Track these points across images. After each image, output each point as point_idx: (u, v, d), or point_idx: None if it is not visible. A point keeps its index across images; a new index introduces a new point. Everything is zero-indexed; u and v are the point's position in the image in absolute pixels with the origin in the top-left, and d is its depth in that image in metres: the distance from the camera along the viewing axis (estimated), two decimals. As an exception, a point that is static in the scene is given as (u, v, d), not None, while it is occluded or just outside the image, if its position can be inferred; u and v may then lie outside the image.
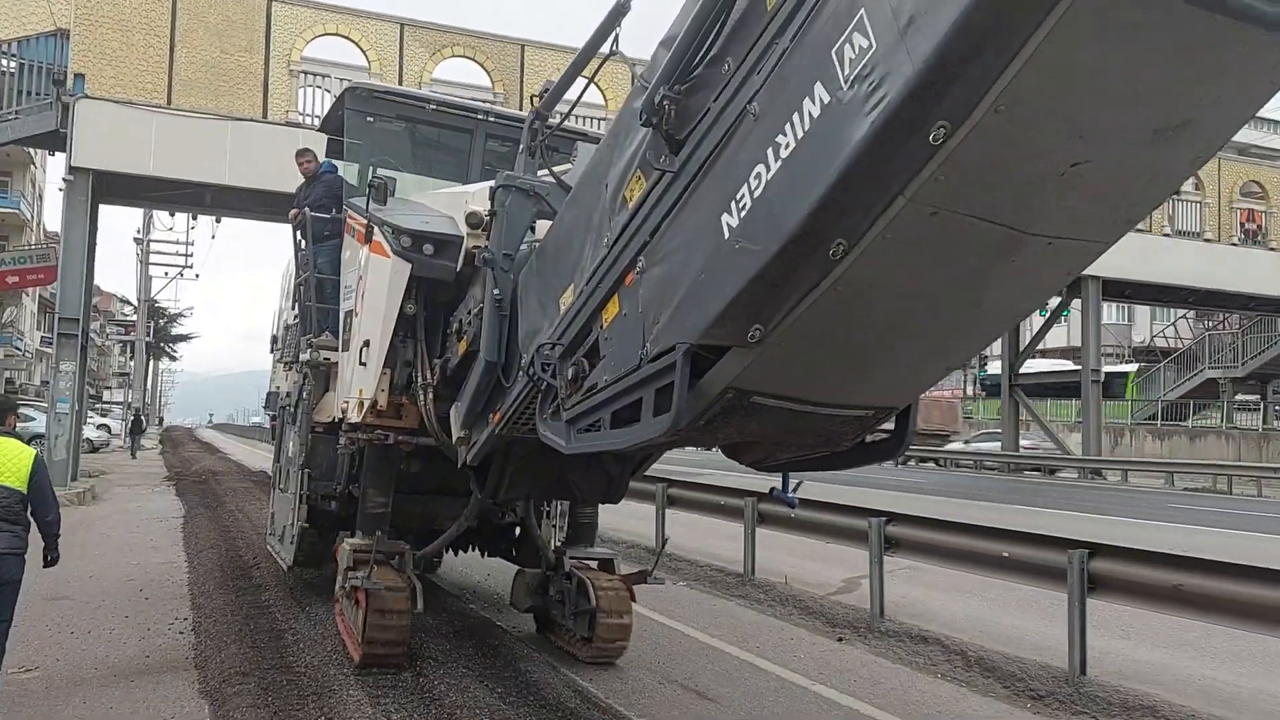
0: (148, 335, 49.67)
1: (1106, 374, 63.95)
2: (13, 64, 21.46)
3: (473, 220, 7.11)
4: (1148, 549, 7.59)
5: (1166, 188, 3.63)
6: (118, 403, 54.00)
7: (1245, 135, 44.13)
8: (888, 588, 9.92)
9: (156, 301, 51.48)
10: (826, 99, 3.33)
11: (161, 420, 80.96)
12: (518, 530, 9.68)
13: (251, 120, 22.73)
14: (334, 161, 10.11)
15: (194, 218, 47.46)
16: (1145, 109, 3.07)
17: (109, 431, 44.85)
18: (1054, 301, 39.22)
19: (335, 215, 9.52)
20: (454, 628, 9.32)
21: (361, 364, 7.96)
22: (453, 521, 8.43)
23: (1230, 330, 51.49)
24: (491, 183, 6.90)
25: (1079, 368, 60.45)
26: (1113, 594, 7.26)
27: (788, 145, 3.49)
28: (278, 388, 12.99)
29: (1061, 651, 7.72)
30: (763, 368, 4.02)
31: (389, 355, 7.65)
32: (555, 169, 6.66)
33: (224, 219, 42.20)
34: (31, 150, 53.24)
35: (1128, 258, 31.97)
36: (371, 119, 9.38)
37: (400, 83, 23.91)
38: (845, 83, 3.24)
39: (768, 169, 3.59)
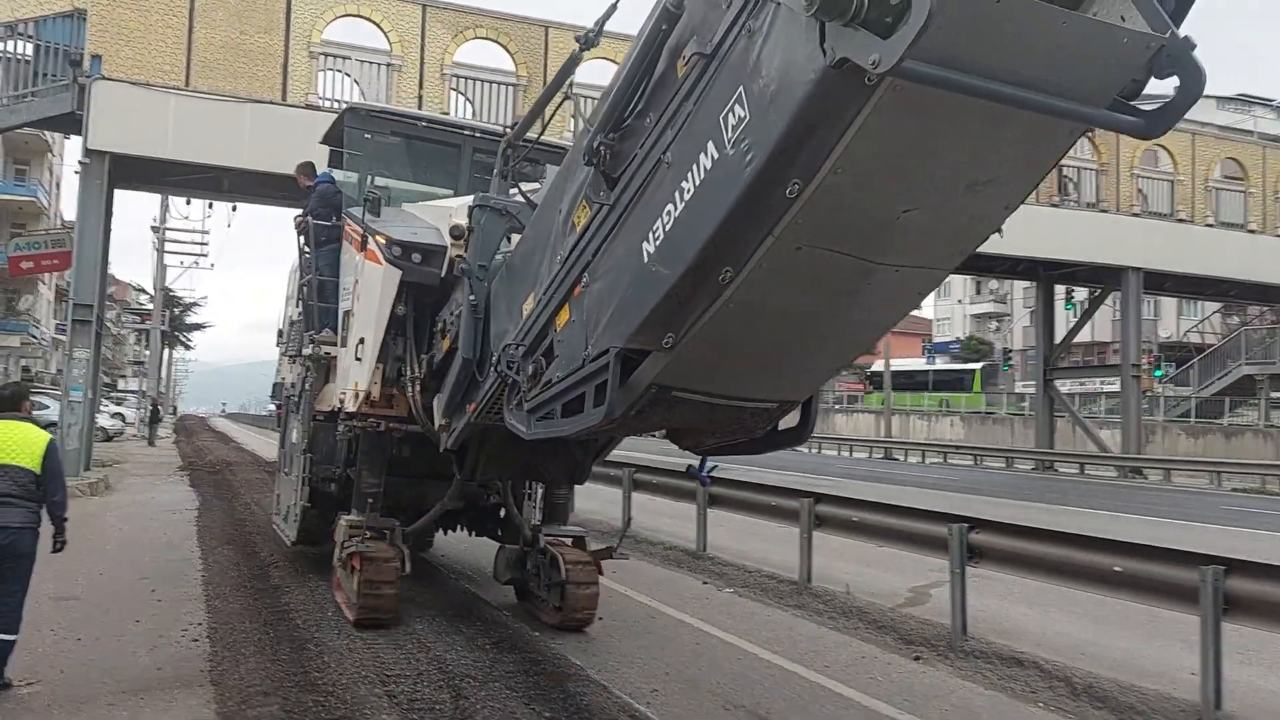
0: (163, 324, 49.11)
1: (953, 371, 68.82)
2: (29, 46, 20.78)
3: (455, 232, 8.03)
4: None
5: (988, 227, 4.35)
6: (133, 391, 53.62)
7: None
8: (945, 595, 9.14)
9: (172, 290, 50.96)
10: (716, 155, 4.19)
11: (175, 409, 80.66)
12: (502, 512, 10.42)
13: (271, 103, 22.01)
14: (332, 172, 10.91)
15: (210, 205, 46.84)
16: (956, 170, 3.93)
17: (124, 420, 44.36)
18: (1081, 295, 38.42)
19: (334, 223, 10.33)
20: (448, 600, 10.27)
21: (357, 359, 9.02)
22: (439, 501, 9.40)
23: (1266, 325, 50.35)
24: (472, 200, 8.00)
25: (953, 366, 67.77)
26: (1251, 617, 6.42)
27: (689, 190, 4.38)
28: (283, 378, 13.82)
29: (1183, 680, 6.91)
30: (677, 367, 4.94)
31: (381, 351, 8.64)
32: (526, 188, 7.64)
33: (239, 207, 41.77)
34: (49, 138, 52.82)
35: (1168, 250, 31.05)
36: (369, 135, 10.30)
37: (421, 65, 23.24)
38: (729, 144, 4.09)
39: (675, 208, 4.48)
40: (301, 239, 11.00)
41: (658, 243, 4.67)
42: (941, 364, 69.14)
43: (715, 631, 9.17)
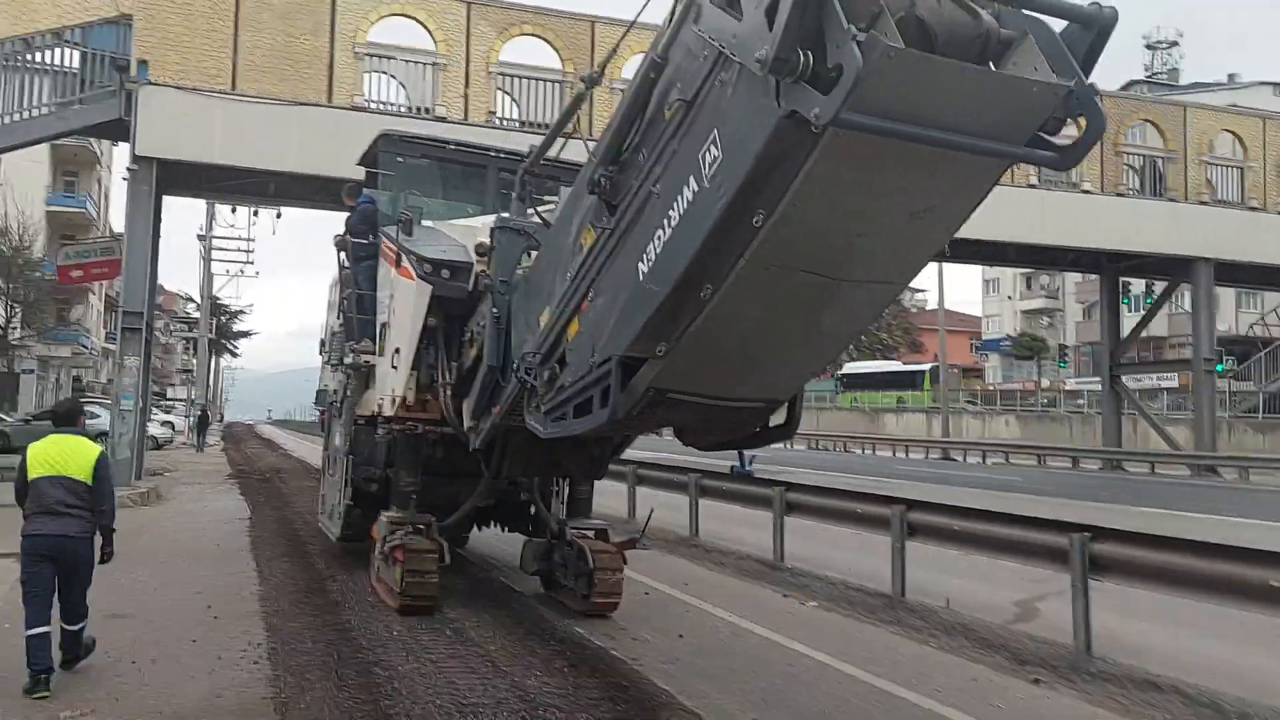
0: (210, 332, 49.20)
1: (905, 373, 71.80)
2: (76, 54, 20.54)
3: (480, 250, 8.78)
4: None
5: (933, 247, 5.07)
6: (181, 399, 53.83)
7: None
8: (1056, 609, 8.43)
9: (219, 298, 51.07)
10: (696, 188, 4.84)
11: (222, 417, 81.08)
12: (532, 508, 10.98)
13: (317, 105, 21.63)
14: (370, 192, 11.59)
15: (255, 212, 46.83)
16: (898, 201, 4.57)
17: (173, 428, 44.42)
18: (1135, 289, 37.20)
19: (371, 241, 11.03)
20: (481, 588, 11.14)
21: (393, 367, 9.77)
22: (471, 498, 10.14)
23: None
24: (498, 215, 8.94)
25: (904, 367, 73.22)
26: None
27: (675, 218, 5.04)
28: (326, 386, 14.55)
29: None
30: (671, 372, 5.55)
31: (415, 359, 9.38)
32: (542, 209, 8.30)
33: (283, 214, 41.71)
34: (97, 149, 53.23)
35: (1240, 239, 29.86)
36: (401, 158, 11.18)
37: (467, 63, 22.76)
38: (706, 179, 4.75)
39: (664, 233, 5.15)
40: (341, 255, 11.83)
41: (650, 263, 5.38)
42: (893, 366, 75.82)
43: (807, 650, 8.51)
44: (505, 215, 8.84)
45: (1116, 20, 4.44)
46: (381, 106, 22.51)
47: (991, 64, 4.41)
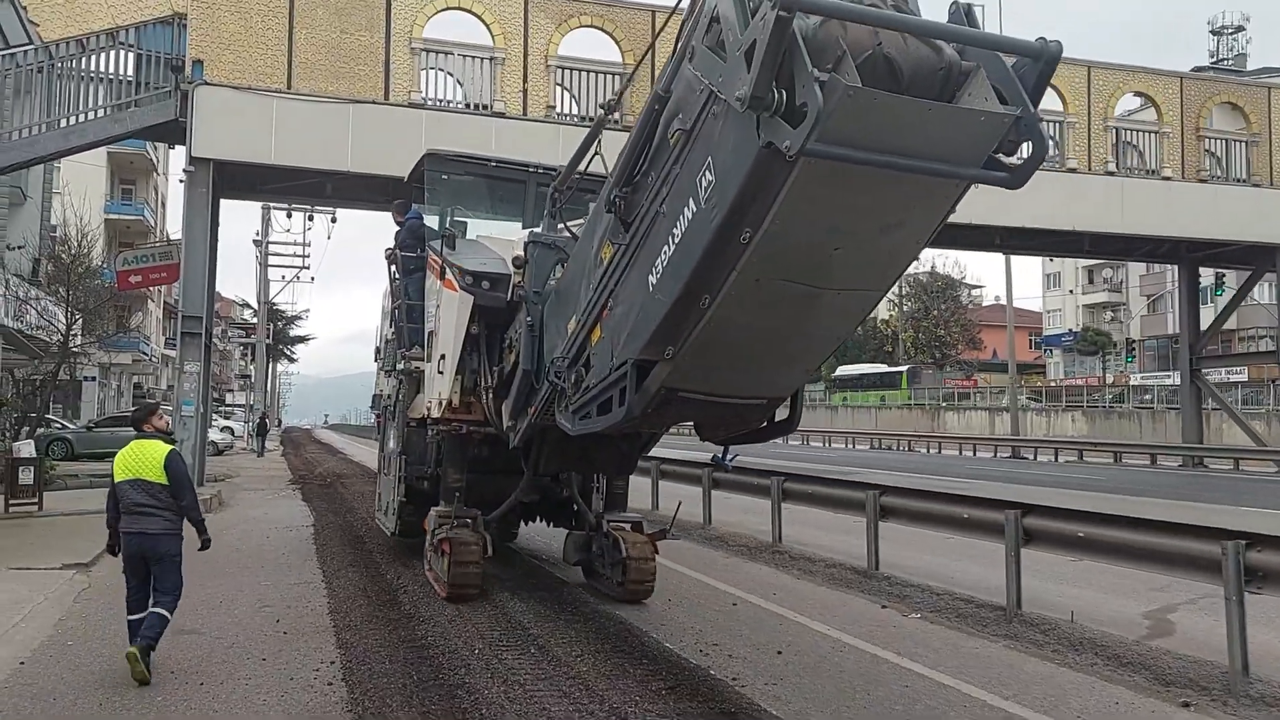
0: (267, 337, 49.34)
1: (887, 373, 77.04)
2: (129, 57, 20.32)
3: (517, 262, 9.36)
4: None
5: (907, 257, 5.83)
6: (239, 405, 54.14)
7: None
8: (1192, 623, 7.64)
9: (275, 304, 51.17)
10: (694, 209, 5.56)
11: (280, 422, 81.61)
12: (574, 504, 11.46)
13: (373, 103, 21.25)
14: (417, 208, 12.35)
15: (310, 217, 46.87)
16: (869, 217, 5.19)
17: (232, 433, 44.52)
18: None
19: (420, 254, 11.87)
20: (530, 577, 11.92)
21: (440, 372, 10.45)
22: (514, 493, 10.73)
23: None
24: (531, 231, 9.72)
25: (887, 369, 77.89)
26: None
27: (677, 235, 5.75)
28: (380, 391, 15.44)
29: None
30: (679, 373, 6.21)
31: (460, 365, 10.03)
32: (571, 224, 8.81)
33: (338, 219, 41.64)
34: (153, 156, 53.64)
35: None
36: (446, 176, 11.76)
37: (525, 57, 22.26)
38: (702, 201, 5.46)
39: (669, 249, 5.84)
40: (392, 268, 12.69)
41: (657, 276, 6.00)
42: (878, 368, 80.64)
43: (921, 668, 7.81)
44: (537, 231, 9.63)
45: (1060, 53, 4.93)
46: (439, 104, 22.06)
47: (955, 92, 4.91)
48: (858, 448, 50.38)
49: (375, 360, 15.87)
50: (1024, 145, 4.98)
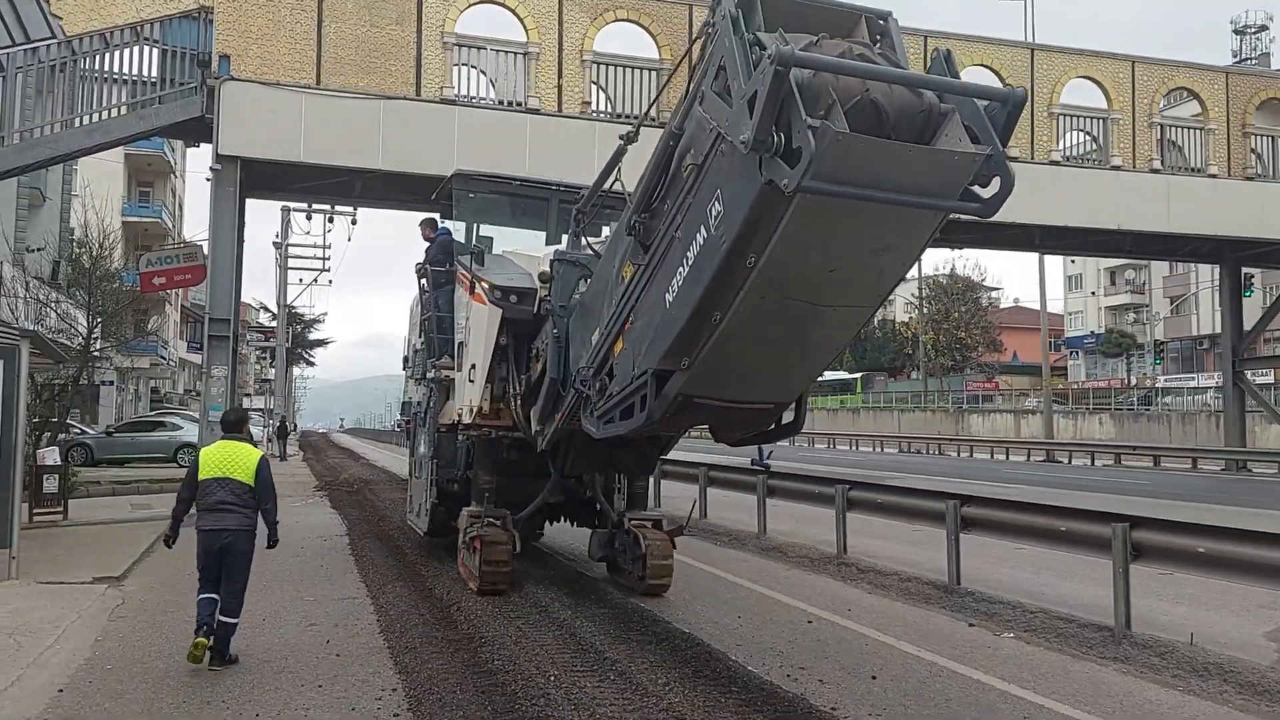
0: (287, 341, 48.80)
1: (843, 379, 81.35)
2: (154, 53, 19.76)
3: (543, 278, 10.03)
4: None
5: (895, 276, 6.37)
6: (257, 409, 53.70)
7: None
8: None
9: (294, 307, 50.65)
10: (705, 235, 6.21)
11: (295, 426, 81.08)
12: (597, 504, 11.91)
13: (404, 99, 20.65)
14: (445, 224, 13.11)
15: (330, 219, 46.22)
16: (859, 243, 5.87)
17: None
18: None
19: (449, 268, 12.47)
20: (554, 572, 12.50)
21: (470, 381, 11.05)
22: (540, 494, 11.30)
23: None
24: (555, 248, 10.50)
25: (845, 375, 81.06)
26: None
27: (691, 258, 6.41)
28: (410, 398, 16.23)
29: None
30: (694, 381, 6.94)
31: (489, 374, 10.63)
32: (594, 241, 9.69)
33: (359, 221, 40.99)
34: (171, 159, 53.25)
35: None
36: (472, 194, 12.48)
37: (560, 52, 21.63)
38: (712, 229, 6.12)
39: (684, 269, 6.52)
40: (422, 281, 13.21)
41: (673, 294, 6.61)
42: (839, 375, 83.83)
43: (1032, 696, 7.18)
44: (562, 249, 10.22)
45: (1025, 100, 5.63)
46: (472, 100, 21.44)
47: (934, 132, 5.53)
48: (885, 451, 49.61)
49: (404, 369, 16.43)
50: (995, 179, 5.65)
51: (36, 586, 11.18)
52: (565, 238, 10.85)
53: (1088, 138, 26.11)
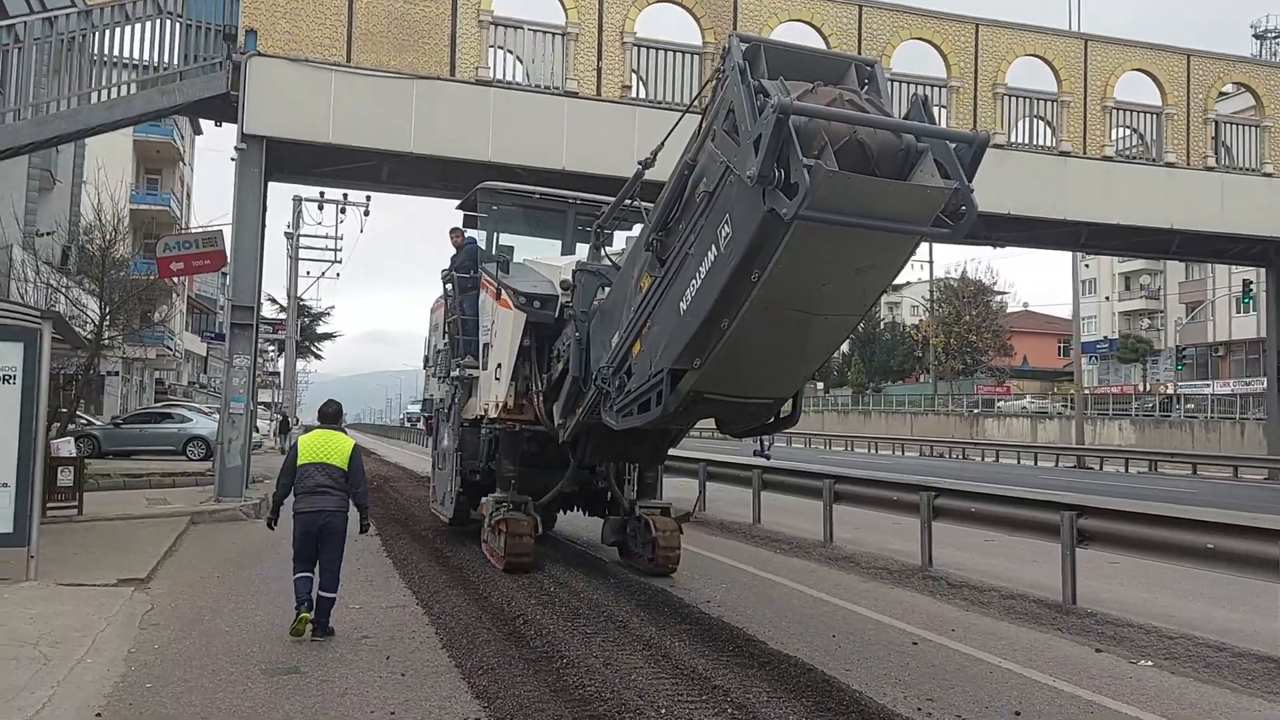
0: (296, 334, 47.82)
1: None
2: (178, 24, 18.79)
3: (564, 285, 10.97)
4: None
5: (877, 290, 7.51)
6: (264, 403, 52.79)
7: None
8: None
9: (303, 300, 49.73)
10: (715, 254, 7.21)
11: (297, 420, 79.93)
12: (609, 495, 12.69)
13: (438, 78, 19.71)
14: (471, 234, 13.99)
15: (342, 210, 45.35)
16: (847, 262, 6.91)
17: (257, 430, 43.03)
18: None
19: (474, 274, 13.34)
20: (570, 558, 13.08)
21: (496, 379, 11.97)
22: (559, 483, 12.19)
23: None
24: (575, 259, 11.83)
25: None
26: None
27: (703, 272, 7.38)
28: (432, 395, 17.55)
29: None
30: (705, 379, 7.89)
31: (514, 372, 11.60)
32: (613, 252, 11.25)
33: (353, 218, 40.10)
34: (180, 145, 52.30)
35: None
36: (496, 206, 13.53)
37: (600, 33, 20.71)
38: (721, 248, 7.11)
39: (696, 282, 7.49)
40: (448, 286, 14.13)
41: (687, 303, 7.64)
42: None
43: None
44: (583, 260, 11.32)
45: (989, 141, 6.55)
46: (509, 84, 20.49)
47: (911, 168, 6.49)
48: (907, 454, 48.69)
49: (425, 368, 17.62)
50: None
51: (57, 589, 10.28)
52: (585, 248, 12.04)
53: (1133, 133, 25.21)
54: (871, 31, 22.34)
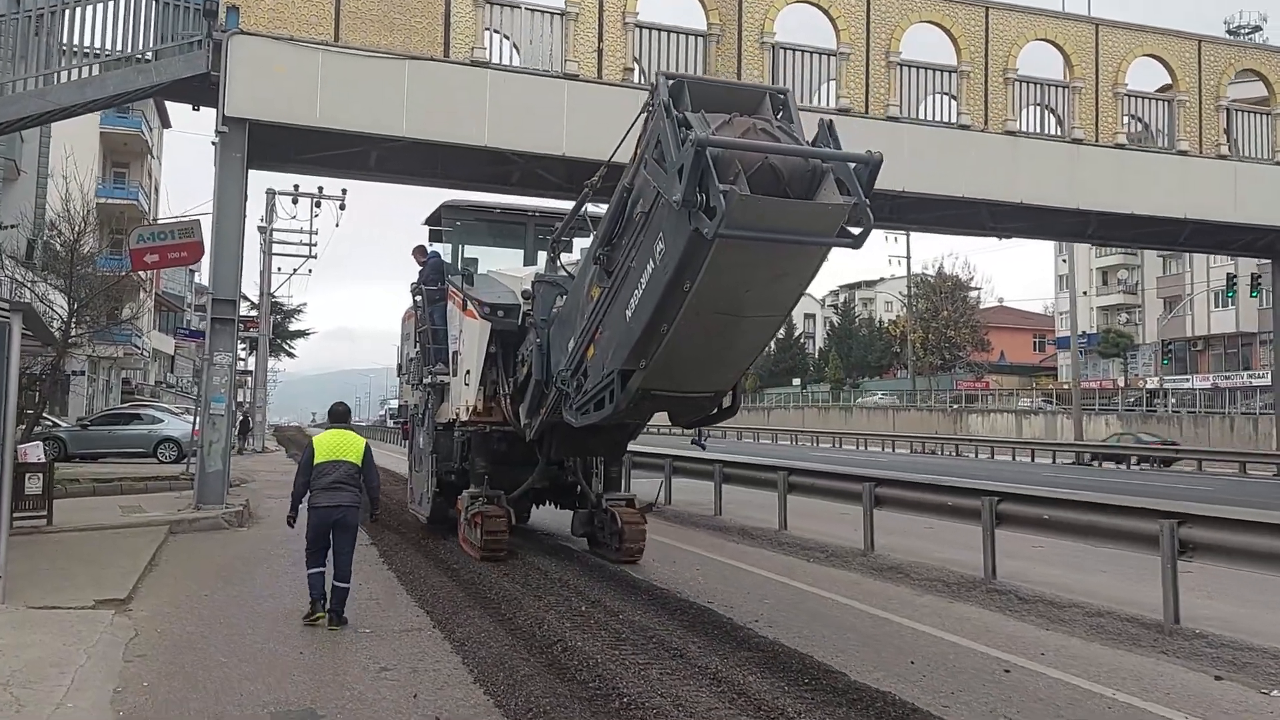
0: (269, 331, 46.37)
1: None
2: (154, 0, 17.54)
3: (525, 295, 12.30)
4: None
5: (795, 293, 8.47)
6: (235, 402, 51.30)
7: None
8: None
9: (274, 296, 48.19)
10: (652, 268, 8.15)
11: (260, 418, 77.87)
12: (578, 489, 13.51)
13: (431, 59, 18.59)
14: (435, 249, 14.90)
15: (317, 204, 44.00)
16: (765, 271, 7.86)
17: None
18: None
19: (440, 286, 14.24)
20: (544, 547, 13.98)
21: (466, 384, 13.03)
22: (528, 479, 13.03)
23: None
24: (535, 269, 13.08)
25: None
26: None
27: (643, 284, 8.35)
28: (406, 401, 17.99)
29: None
30: (651, 377, 8.86)
31: (482, 377, 12.67)
32: (569, 261, 12.37)
33: (324, 213, 38.83)
34: (149, 139, 50.68)
35: None
36: (459, 222, 14.42)
37: (600, 13, 19.67)
38: (657, 262, 8.08)
39: (638, 292, 8.46)
40: (417, 298, 15.03)
41: (631, 311, 8.63)
42: None
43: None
44: (541, 272, 12.29)
45: (881, 161, 7.52)
46: (506, 67, 19.40)
47: (818, 187, 7.54)
48: (898, 450, 47.97)
49: (399, 375, 18.67)
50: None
51: (28, 613, 9.16)
52: (542, 257, 13.18)
53: (1137, 121, 24.44)
54: (880, 14, 21.46)
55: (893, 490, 12.19)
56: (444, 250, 14.82)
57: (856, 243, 7.55)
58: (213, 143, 17.69)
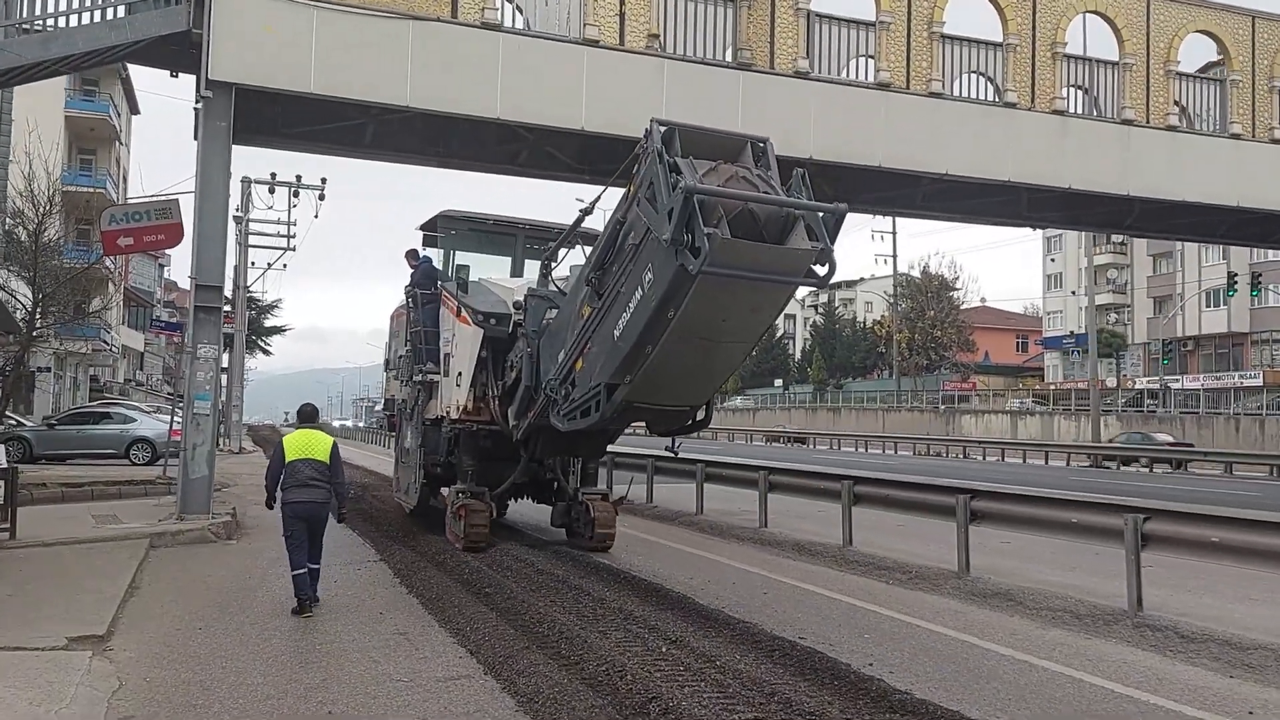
0: (245, 327, 44.28)
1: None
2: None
3: (517, 305, 12.99)
4: None
5: (766, 323, 10.14)
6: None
7: None
8: None
9: (251, 290, 46.07)
10: (640, 294, 9.11)
11: (234, 416, 75.47)
12: (556, 485, 14.66)
13: (438, 20, 16.80)
14: (427, 254, 15.89)
15: (295, 193, 42.00)
16: (741, 304, 8.99)
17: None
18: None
19: (432, 291, 15.35)
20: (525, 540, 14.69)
21: (457, 385, 13.89)
22: (511, 475, 13.98)
23: None
24: (527, 283, 13.78)
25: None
26: None
27: (631, 308, 9.27)
28: (394, 396, 18.77)
29: None
30: (634, 391, 9.78)
31: (473, 380, 13.44)
32: (558, 276, 13.32)
33: (300, 210, 36.75)
34: (116, 124, 48.44)
35: None
36: (454, 230, 15.49)
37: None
38: (645, 289, 9.04)
39: (626, 315, 9.39)
40: (409, 301, 15.70)
41: (619, 332, 9.53)
42: None
43: None
44: (534, 287, 12.99)
45: (846, 212, 8.86)
46: (525, 32, 17.64)
47: (789, 232, 8.74)
48: (900, 452, 46.54)
49: (386, 370, 19.78)
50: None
51: (-13, 657, 7.39)
52: (533, 267, 14.32)
53: (1176, 106, 23.02)
54: (920, -16, 19.85)
55: (991, 504, 10.88)
56: (435, 255, 15.61)
57: (822, 282, 8.93)
58: (195, 107, 15.83)
